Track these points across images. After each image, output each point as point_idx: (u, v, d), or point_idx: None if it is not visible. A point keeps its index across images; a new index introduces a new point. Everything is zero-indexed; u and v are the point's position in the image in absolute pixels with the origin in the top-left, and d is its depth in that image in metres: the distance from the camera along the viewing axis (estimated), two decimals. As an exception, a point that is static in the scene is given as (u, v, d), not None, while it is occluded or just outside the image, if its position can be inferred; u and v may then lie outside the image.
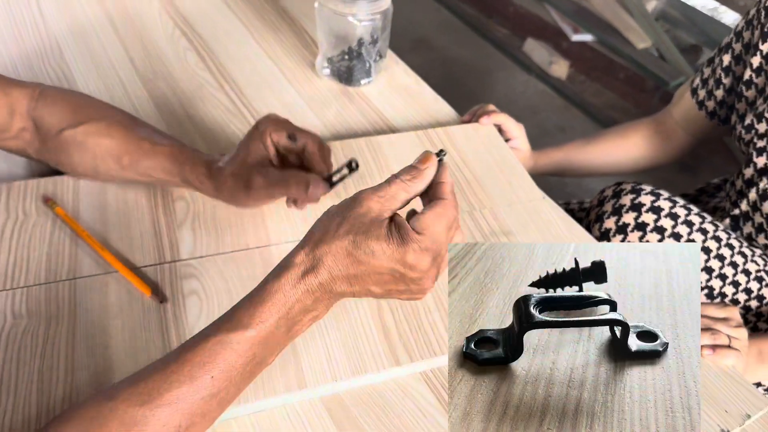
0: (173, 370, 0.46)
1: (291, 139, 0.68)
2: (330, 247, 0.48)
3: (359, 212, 0.48)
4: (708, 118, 1.00)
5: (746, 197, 0.87)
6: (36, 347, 0.61)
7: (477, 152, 0.89)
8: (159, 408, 0.45)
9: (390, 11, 0.97)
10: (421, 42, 2.55)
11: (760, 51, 0.89)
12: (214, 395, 0.47)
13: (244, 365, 0.48)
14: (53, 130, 0.69)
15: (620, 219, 0.84)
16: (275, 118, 0.69)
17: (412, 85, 1.04)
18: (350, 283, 0.49)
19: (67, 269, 0.68)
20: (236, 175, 0.67)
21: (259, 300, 0.48)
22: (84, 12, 1.11)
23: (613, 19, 2.39)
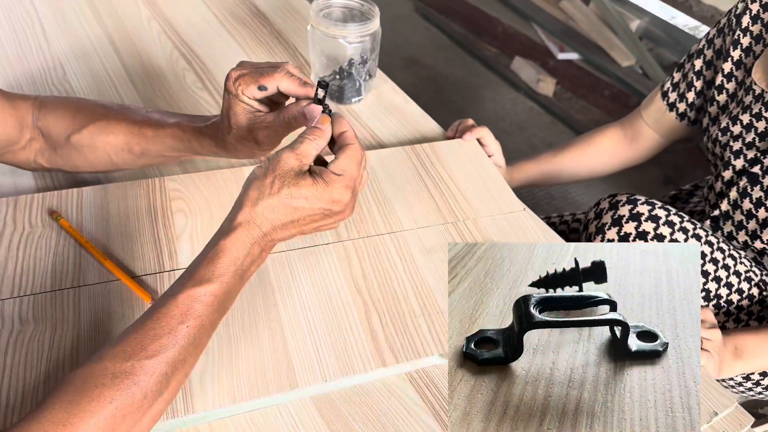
0: (151, 326, 0.53)
1: (262, 90, 0.66)
2: (268, 202, 0.58)
3: (285, 169, 0.58)
4: (678, 119, 1.05)
5: (727, 197, 0.92)
6: (42, 351, 0.64)
7: (461, 166, 0.93)
8: (145, 360, 0.52)
9: (379, 33, 1.02)
10: (412, 60, 2.61)
11: (731, 57, 0.94)
12: (191, 342, 0.54)
13: (211, 313, 0.56)
14: (61, 138, 0.73)
15: (621, 229, 0.88)
16: (238, 74, 0.67)
17: (400, 103, 1.09)
18: (287, 228, 0.59)
19: (72, 278, 0.71)
20: (241, 139, 0.69)
21: (216, 257, 0.56)
22: (86, 33, 1.16)
23: (597, 38, 2.46)
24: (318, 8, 1.02)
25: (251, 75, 0.66)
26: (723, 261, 0.90)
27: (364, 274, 0.76)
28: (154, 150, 0.73)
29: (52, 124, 0.73)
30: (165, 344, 0.53)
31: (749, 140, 0.90)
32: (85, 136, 0.73)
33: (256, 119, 0.67)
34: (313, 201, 0.59)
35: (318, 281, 0.74)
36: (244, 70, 0.67)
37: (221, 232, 0.58)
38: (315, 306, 0.71)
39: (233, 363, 0.65)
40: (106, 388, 0.50)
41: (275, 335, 0.68)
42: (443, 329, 0.70)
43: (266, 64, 0.67)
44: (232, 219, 0.58)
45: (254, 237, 0.58)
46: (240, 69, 0.67)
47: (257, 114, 0.68)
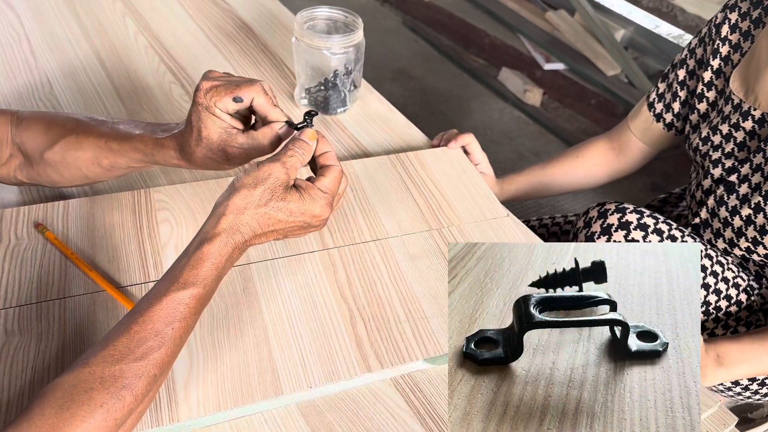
0: (137, 330, 0.54)
1: (237, 102, 0.65)
2: (255, 213, 0.59)
3: (275, 183, 0.60)
4: (665, 129, 1.06)
5: (705, 205, 0.93)
6: (27, 362, 0.64)
7: (446, 174, 0.94)
8: (133, 362, 0.53)
9: (362, 44, 1.03)
10: (400, 72, 2.63)
11: (711, 66, 0.96)
12: (176, 344, 0.56)
13: (195, 315, 0.58)
14: (36, 154, 0.73)
15: (611, 238, 0.89)
16: (210, 85, 0.65)
17: (385, 113, 1.10)
18: (266, 236, 0.62)
19: (57, 289, 0.72)
20: (210, 152, 0.67)
21: (199, 262, 0.57)
22: (73, 49, 1.17)
23: (583, 48, 2.48)
24: (302, 20, 1.03)
25: (225, 86, 0.65)
26: (711, 268, 0.91)
27: (349, 281, 0.76)
28: (122, 163, 0.72)
29: (27, 140, 0.73)
30: (152, 347, 0.54)
31: (728, 150, 0.92)
32: (57, 152, 0.72)
33: (228, 136, 0.66)
34: (297, 214, 0.61)
35: (303, 289, 0.75)
36: (216, 81, 0.65)
37: (204, 237, 0.59)
38: (300, 313, 0.72)
39: (218, 370, 0.65)
40: (95, 392, 0.51)
41: (260, 343, 0.68)
42: (428, 334, 0.71)
43: (238, 77, 0.67)
44: (215, 224, 0.59)
45: (236, 243, 0.59)
46: (211, 80, 0.66)
47: (229, 131, 0.66)
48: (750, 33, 0.92)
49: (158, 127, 0.72)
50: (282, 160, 0.61)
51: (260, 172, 0.60)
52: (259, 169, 0.60)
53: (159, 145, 0.70)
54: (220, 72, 0.68)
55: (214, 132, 0.66)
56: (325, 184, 0.63)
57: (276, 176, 0.60)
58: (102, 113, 1.03)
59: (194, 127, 0.66)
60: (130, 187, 0.89)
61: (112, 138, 0.71)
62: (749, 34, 0.92)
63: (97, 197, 0.84)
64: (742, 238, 0.88)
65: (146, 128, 0.72)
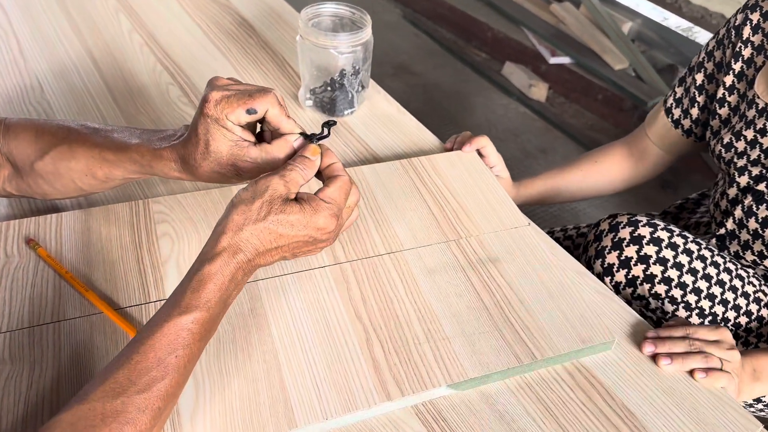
0: (138, 360, 0.50)
1: (250, 113, 0.61)
2: (255, 228, 0.56)
3: (273, 195, 0.57)
4: (684, 136, 1.01)
5: (732, 215, 0.88)
6: (20, 394, 0.59)
7: (461, 180, 0.89)
8: (136, 395, 0.49)
9: (371, 42, 0.98)
10: (401, 68, 2.58)
11: (732, 70, 0.91)
12: (180, 373, 0.52)
13: (199, 341, 0.54)
14: (26, 165, 0.68)
15: (622, 253, 0.84)
16: (221, 95, 0.60)
17: (394, 114, 1.05)
18: (270, 254, 0.58)
19: (51, 312, 0.67)
20: (219, 167, 0.63)
21: (201, 284, 0.54)
22: (64, 49, 1.11)
23: (590, 41, 2.43)
24: (307, 17, 0.97)
25: (237, 97, 0.60)
26: (730, 283, 0.86)
27: (364, 298, 0.71)
28: (117, 174, 0.67)
29: (15, 149, 0.68)
30: (155, 377, 0.50)
31: (754, 157, 0.87)
32: (48, 162, 0.67)
33: (238, 150, 0.62)
34: (299, 228, 0.58)
35: (315, 308, 0.70)
36: (226, 91, 0.61)
37: (205, 258, 0.56)
38: (312, 335, 0.67)
39: (226, 401, 0.60)
40: (97, 429, 0.47)
41: (271, 369, 0.63)
42: (450, 357, 0.66)
43: (250, 86, 0.62)
44: (215, 244, 0.56)
45: (239, 262, 0.56)
46: (221, 90, 0.61)
47: (240, 144, 0.62)
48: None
49: (155, 135, 0.67)
50: (281, 173, 0.59)
51: (258, 186, 0.57)
52: (257, 183, 0.58)
53: (157, 157, 0.65)
54: (226, 79, 0.63)
55: (224, 145, 0.61)
56: (328, 194, 0.59)
57: (274, 188, 0.57)
58: (96, 116, 0.97)
59: (201, 140, 0.61)
60: (128, 197, 0.84)
61: (107, 148, 0.66)
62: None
63: (93, 209, 0.78)
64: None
65: (142, 137, 0.66)
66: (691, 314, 0.84)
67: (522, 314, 0.71)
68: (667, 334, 0.71)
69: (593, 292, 0.77)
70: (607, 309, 0.75)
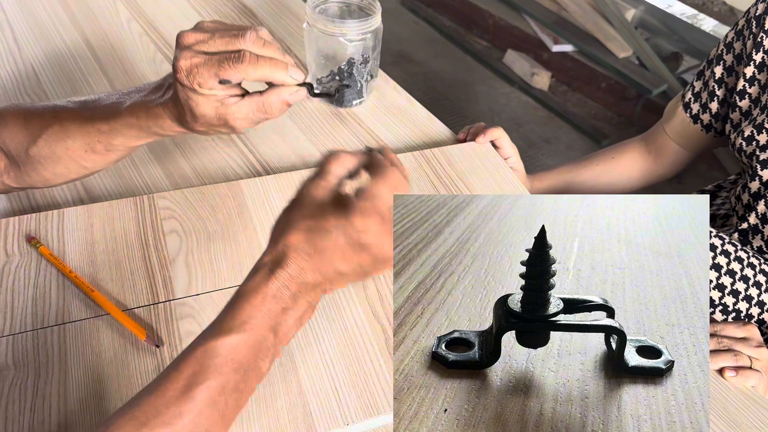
0: (166, 387, 0.44)
1: (224, 84, 0.55)
2: (289, 238, 0.48)
3: (308, 200, 0.50)
4: (704, 131, 0.99)
5: (755, 210, 0.86)
6: (25, 401, 0.56)
7: (476, 172, 0.86)
8: (159, 428, 0.43)
9: (380, 30, 0.95)
10: (401, 56, 2.54)
11: (753, 61, 0.88)
12: (212, 406, 0.44)
13: (236, 371, 0.45)
14: (21, 153, 0.64)
15: None
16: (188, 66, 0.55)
17: (404, 104, 1.02)
18: (318, 269, 0.48)
19: (55, 314, 0.64)
20: (210, 126, 0.59)
21: (238, 303, 0.47)
22: (60, 37, 1.07)
23: (593, 29, 2.40)
24: (314, 4, 0.94)
25: (207, 66, 0.54)
26: (754, 278, 0.84)
27: (381, 298, 0.69)
28: (118, 143, 0.63)
29: (8, 138, 0.64)
30: (182, 409, 0.43)
31: None
32: (42, 146, 0.63)
33: (226, 108, 0.57)
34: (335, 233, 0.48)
35: (330, 307, 0.67)
36: (196, 58, 0.55)
37: (246, 278, 0.49)
38: (330, 337, 0.64)
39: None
40: None
41: (288, 373, 0.60)
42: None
43: (221, 42, 0.55)
44: (258, 262, 0.49)
45: (280, 278, 0.48)
46: (189, 57, 0.55)
47: (226, 101, 0.57)
48: None
49: (143, 92, 0.62)
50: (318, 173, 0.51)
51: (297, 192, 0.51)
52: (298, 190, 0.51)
53: (153, 116, 0.60)
54: (200, 33, 0.56)
55: (208, 108, 0.57)
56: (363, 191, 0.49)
57: (309, 191, 0.50)
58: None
59: (185, 106, 0.57)
60: (132, 192, 0.81)
61: (99, 119, 0.62)
62: None
63: (95, 205, 0.75)
64: None
65: (133, 97, 0.61)
66: (715, 311, 0.81)
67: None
68: (694, 331, 0.69)
69: (617, 288, 0.75)
70: (632, 306, 0.73)
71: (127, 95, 0.62)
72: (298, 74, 0.56)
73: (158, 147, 0.88)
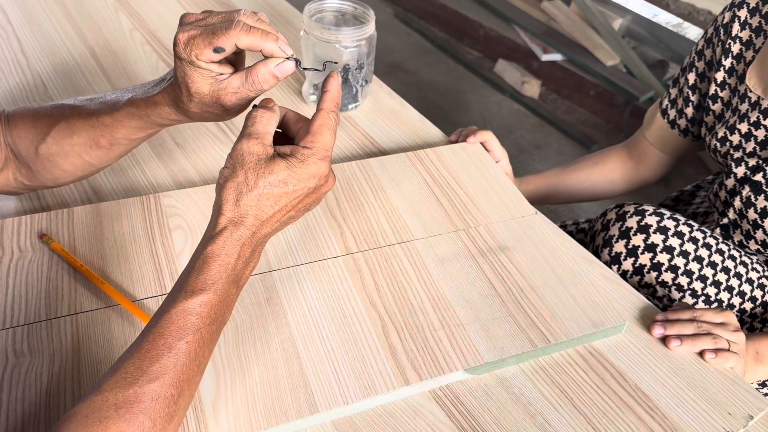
0: (148, 348, 0.50)
1: (218, 52, 0.57)
2: (250, 198, 0.54)
3: (253, 160, 0.54)
4: (681, 135, 1.03)
5: (732, 206, 0.90)
6: (41, 385, 0.60)
7: (467, 171, 0.90)
8: (148, 384, 0.48)
9: (374, 37, 0.99)
10: (394, 66, 2.59)
11: (723, 66, 0.93)
12: (193, 359, 0.51)
13: (209, 324, 0.52)
14: (31, 151, 0.67)
15: (629, 242, 0.85)
16: (188, 36, 0.57)
17: (397, 108, 1.06)
18: (275, 219, 0.56)
19: (68, 305, 0.67)
20: (205, 106, 0.61)
21: (205, 265, 0.53)
22: (66, 48, 1.11)
23: (581, 38, 2.45)
24: (310, 13, 0.98)
25: (203, 36, 0.57)
26: (735, 269, 0.87)
27: (378, 287, 0.72)
28: (120, 136, 0.66)
29: (18, 139, 0.67)
30: (165, 364, 0.49)
31: (750, 150, 0.88)
32: (51, 144, 0.66)
33: (219, 85, 0.59)
34: (294, 182, 0.55)
35: (329, 297, 0.70)
36: (193, 30, 0.57)
37: (206, 240, 0.54)
38: (329, 323, 0.68)
39: (247, 388, 0.61)
40: (111, 420, 0.46)
41: (290, 357, 0.64)
42: (465, 343, 0.67)
43: (218, 18, 0.58)
44: (215, 225, 0.54)
45: (243, 238, 0.54)
46: (188, 30, 0.57)
47: (219, 78, 0.59)
48: (762, 28, 0.89)
49: (147, 85, 0.65)
50: (246, 134, 0.56)
51: (234, 157, 0.55)
52: (232, 155, 0.55)
53: (152, 104, 0.63)
54: (198, 13, 0.59)
55: (204, 85, 0.59)
56: (309, 140, 0.56)
57: (250, 152, 0.54)
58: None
59: (181, 84, 0.59)
60: (137, 192, 0.84)
61: (102, 112, 0.65)
62: (761, 29, 0.89)
63: (103, 204, 0.79)
64: None
65: (136, 90, 0.65)
66: (698, 301, 0.85)
67: (534, 300, 0.72)
68: (675, 317, 0.73)
69: (602, 278, 0.78)
70: (617, 294, 0.76)
71: (130, 90, 0.66)
72: (287, 48, 0.59)
73: (161, 148, 0.91)
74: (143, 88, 0.65)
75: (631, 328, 0.72)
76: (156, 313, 0.52)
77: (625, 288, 0.77)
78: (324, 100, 0.58)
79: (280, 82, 0.61)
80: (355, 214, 0.81)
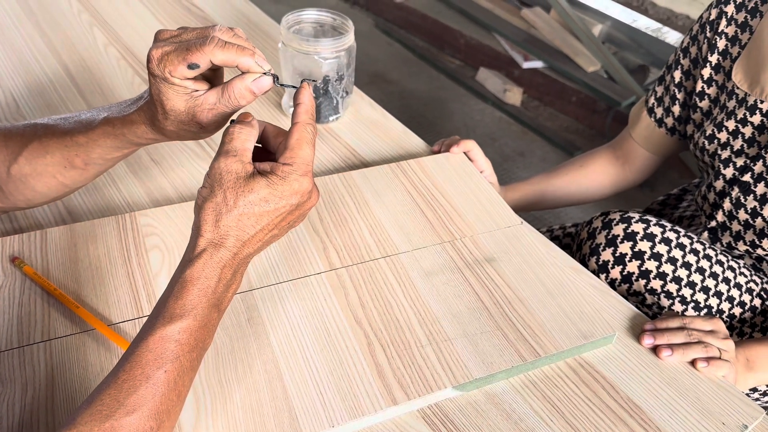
0: (125, 378, 0.47)
1: (193, 68, 0.55)
2: (229, 218, 0.52)
3: (231, 178, 0.52)
4: (669, 134, 1.02)
5: (721, 208, 0.89)
6: (13, 417, 0.57)
7: (451, 181, 0.89)
8: (125, 417, 0.46)
9: (354, 48, 0.98)
10: (377, 77, 2.58)
11: (709, 62, 0.92)
12: (172, 389, 0.49)
13: (190, 352, 0.50)
14: (2, 173, 0.65)
15: (617, 250, 0.84)
16: (161, 53, 0.55)
17: (379, 119, 1.04)
18: (258, 239, 0.54)
19: (41, 331, 0.64)
20: (181, 124, 0.59)
21: (184, 290, 0.51)
22: (39, 65, 1.09)
23: (561, 45, 2.46)
24: (288, 24, 0.97)
25: (177, 52, 0.55)
26: (723, 274, 0.87)
27: (362, 303, 0.70)
28: (95, 156, 0.64)
29: None
30: (144, 396, 0.47)
31: (737, 147, 0.88)
32: (23, 164, 0.64)
33: (195, 101, 0.57)
34: (275, 201, 0.53)
35: (313, 315, 0.69)
36: (167, 46, 0.55)
37: (185, 263, 0.52)
38: (313, 343, 0.66)
39: (228, 413, 0.59)
40: None
41: (272, 379, 0.62)
42: (453, 358, 0.65)
43: (193, 34, 0.57)
44: (194, 247, 0.52)
45: (224, 259, 0.52)
46: (161, 46, 0.56)
47: (195, 94, 0.57)
48: (747, 24, 0.88)
49: (123, 104, 0.63)
50: (224, 151, 0.54)
51: (213, 176, 0.53)
52: (210, 174, 0.53)
53: (128, 123, 0.61)
54: (174, 29, 0.58)
55: (179, 102, 0.57)
56: (288, 156, 0.54)
57: (228, 170, 0.52)
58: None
59: (156, 101, 0.57)
60: (113, 211, 0.82)
61: (77, 131, 0.63)
62: (746, 25, 0.88)
63: (77, 225, 0.76)
64: (765, 239, 0.85)
65: (111, 109, 0.63)
66: (687, 308, 0.84)
67: (522, 312, 0.70)
68: (664, 325, 0.72)
69: (590, 287, 0.77)
70: (606, 304, 0.75)
71: (106, 109, 0.64)
72: (264, 63, 0.57)
73: (137, 165, 0.89)
74: (119, 106, 0.63)
75: (621, 338, 0.71)
76: (133, 341, 0.50)
77: (614, 297, 0.76)
78: (298, 113, 0.56)
79: (258, 98, 0.59)
80: (338, 228, 0.79)
